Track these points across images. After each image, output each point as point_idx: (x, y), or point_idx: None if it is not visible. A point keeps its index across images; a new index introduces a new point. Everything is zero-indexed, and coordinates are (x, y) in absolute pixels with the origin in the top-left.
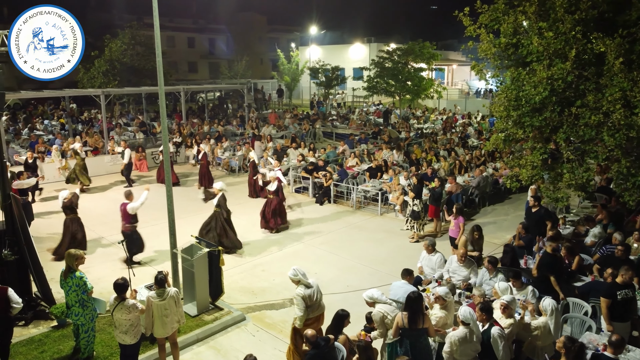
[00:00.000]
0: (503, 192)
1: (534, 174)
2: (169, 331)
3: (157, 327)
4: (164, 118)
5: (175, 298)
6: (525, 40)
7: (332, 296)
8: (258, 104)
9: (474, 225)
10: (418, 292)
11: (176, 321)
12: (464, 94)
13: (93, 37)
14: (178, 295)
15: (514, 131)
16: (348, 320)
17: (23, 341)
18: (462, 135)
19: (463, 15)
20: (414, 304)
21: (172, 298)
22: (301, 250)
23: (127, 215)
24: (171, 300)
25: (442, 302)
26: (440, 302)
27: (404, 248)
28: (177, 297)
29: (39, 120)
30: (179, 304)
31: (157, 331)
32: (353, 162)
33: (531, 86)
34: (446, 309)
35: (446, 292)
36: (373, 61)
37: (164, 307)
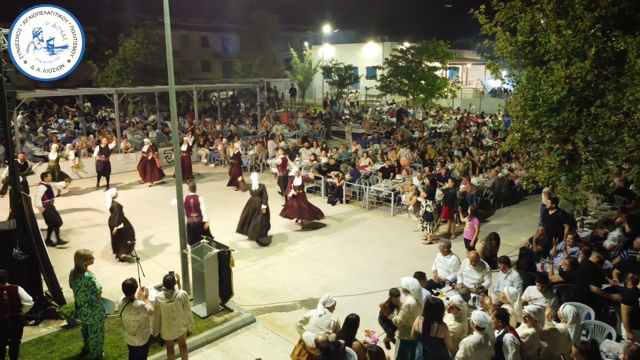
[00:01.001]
0: (518, 193)
1: (551, 175)
2: (175, 334)
3: (164, 328)
4: (174, 117)
5: (183, 301)
6: (542, 39)
7: (344, 299)
8: (270, 103)
9: (492, 233)
10: (439, 300)
11: (184, 325)
12: (478, 93)
13: (108, 36)
14: (186, 298)
15: (531, 131)
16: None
17: (32, 341)
18: (476, 135)
19: (479, 13)
20: (431, 311)
21: (180, 300)
22: (312, 251)
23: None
24: (179, 303)
25: (456, 312)
26: (454, 312)
27: (417, 250)
28: (185, 300)
29: (54, 119)
30: (186, 307)
31: (163, 333)
32: (365, 162)
33: (548, 85)
34: (460, 319)
35: (460, 300)
36: (386, 60)
37: (171, 309)
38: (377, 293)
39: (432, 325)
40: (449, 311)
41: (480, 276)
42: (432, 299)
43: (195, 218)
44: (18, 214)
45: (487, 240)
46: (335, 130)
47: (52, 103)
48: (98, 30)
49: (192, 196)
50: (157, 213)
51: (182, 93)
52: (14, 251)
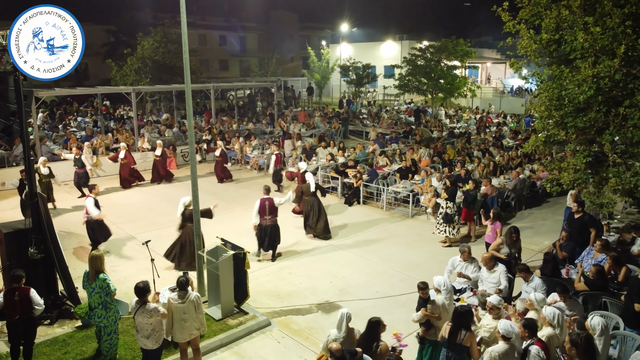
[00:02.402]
0: (540, 195)
1: (576, 177)
2: (186, 337)
3: (176, 330)
4: (190, 116)
5: (195, 303)
6: (568, 36)
7: (361, 302)
8: (288, 102)
9: (511, 227)
10: (468, 307)
11: (196, 328)
12: (498, 92)
13: (127, 35)
14: (199, 300)
15: (556, 132)
16: (383, 326)
17: (47, 341)
18: (496, 135)
19: (502, 11)
20: (460, 318)
21: (192, 302)
22: (329, 253)
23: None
24: (191, 305)
25: (496, 312)
26: (494, 312)
27: (436, 253)
28: (198, 303)
29: (74, 118)
30: (199, 310)
31: (175, 335)
32: (383, 162)
33: (575, 85)
34: (499, 318)
35: (498, 300)
36: (405, 59)
37: (183, 310)
38: (396, 297)
39: (460, 332)
40: (489, 312)
41: (497, 277)
42: (461, 306)
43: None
44: (34, 214)
45: (506, 235)
46: (352, 130)
47: (72, 101)
48: (117, 29)
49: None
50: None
51: (199, 92)
52: (30, 250)
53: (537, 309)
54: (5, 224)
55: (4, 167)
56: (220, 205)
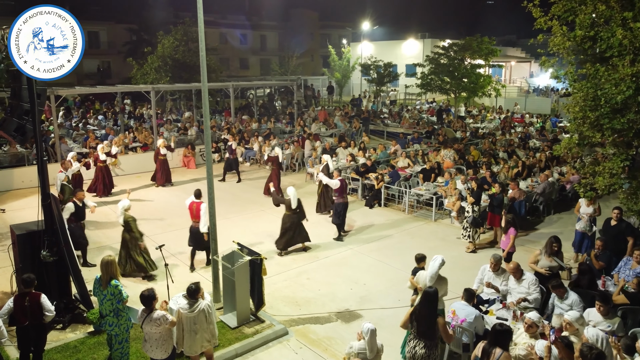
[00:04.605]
0: (570, 199)
1: (612, 182)
2: (197, 349)
3: (186, 342)
4: (206, 115)
5: (205, 313)
6: (604, 33)
7: (382, 311)
8: (308, 100)
9: (552, 237)
10: (507, 327)
11: (207, 340)
12: (523, 92)
13: (148, 34)
14: (210, 310)
15: (590, 134)
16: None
17: (58, 347)
18: (522, 136)
19: (533, 7)
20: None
21: (203, 312)
22: (349, 257)
23: None
24: (201, 315)
25: (534, 330)
26: (532, 331)
27: (461, 259)
28: (209, 312)
29: (94, 116)
30: (209, 320)
31: (185, 347)
32: (404, 163)
33: (612, 84)
34: (536, 336)
35: (538, 317)
36: (427, 57)
37: (193, 320)
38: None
39: (493, 352)
40: (527, 330)
41: (526, 289)
42: (499, 324)
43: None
44: (46, 215)
45: (547, 245)
46: (373, 130)
47: (94, 100)
48: (139, 27)
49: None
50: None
51: (219, 90)
52: (42, 253)
53: (576, 330)
54: (18, 225)
55: (24, 165)
56: (236, 207)
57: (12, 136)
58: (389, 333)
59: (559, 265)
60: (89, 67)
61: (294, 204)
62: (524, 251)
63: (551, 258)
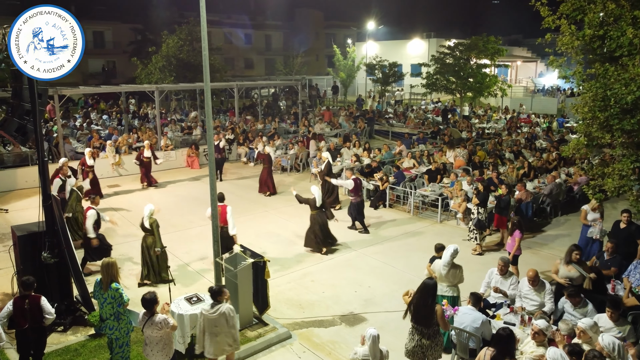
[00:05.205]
0: (577, 200)
1: (621, 184)
2: (218, 353)
3: (207, 343)
4: (209, 116)
5: (227, 316)
6: (614, 32)
7: (387, 314)
8: (312, 100)
9: (573, 245)
10: (509, 330)
11: (228, 344)
12: (529, 92)
13: (153, 33)
14: (231, 313)
15: (599, 135)
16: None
17: (58, 350)
18: (528, 136)
19: (540, 5)
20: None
21: (223, 315)
22: (353, 259)
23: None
24: (222, 318)
25: (542, 338)
26: (539, 339)
27: (466, 261)
28: (230, 316)
29: (98, 116)
30: (230, 324)
31: (206, 349)
32: (409, 164)
33: (621, 84)
34: (544, 345)
35: (546, 325)
36: (433, 57)
37: (214, 323)
38: None
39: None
40: (533, 337)
41: (540, 298)
42: (502, 329)
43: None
44: (47, 216)
45: (568, 254)
46: (378, 130)
47: (99, 99)
48: (144, 27)
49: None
50: (193, 213)
51: (223, 90)
52: (43, 254)
53: (589, 338)
54: (19, 226)
55: (27, 165)
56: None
57: (13, 136)
58: (393, 337)
59: (581, 275)
60: (94, 67)
61: (319, 202)
62: (531, 253)
63: (570, 266)
